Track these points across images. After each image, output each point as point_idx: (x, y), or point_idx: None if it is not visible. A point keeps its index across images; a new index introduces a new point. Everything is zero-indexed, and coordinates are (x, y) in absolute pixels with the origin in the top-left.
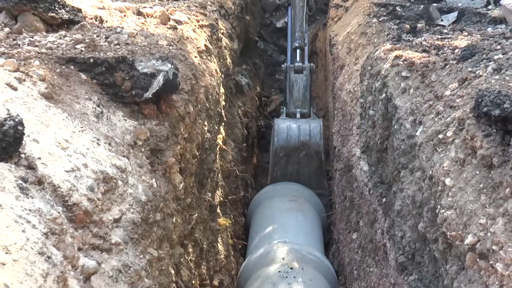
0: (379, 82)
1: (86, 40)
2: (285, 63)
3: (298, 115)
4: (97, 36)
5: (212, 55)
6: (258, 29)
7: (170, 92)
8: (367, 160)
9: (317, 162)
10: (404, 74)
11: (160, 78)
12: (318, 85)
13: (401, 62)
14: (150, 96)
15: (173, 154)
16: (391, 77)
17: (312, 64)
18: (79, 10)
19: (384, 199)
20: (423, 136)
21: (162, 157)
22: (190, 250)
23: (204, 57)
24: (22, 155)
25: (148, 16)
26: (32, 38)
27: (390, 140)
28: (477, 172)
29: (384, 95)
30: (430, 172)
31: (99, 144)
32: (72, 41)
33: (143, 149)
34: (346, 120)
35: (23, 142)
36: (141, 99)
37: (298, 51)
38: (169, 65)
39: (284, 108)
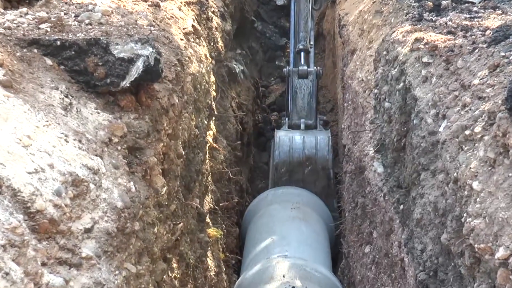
0: (396, 69)
1: (52, 19)
2: (287, 67)
3: (302, 126)
4: (65, 14)
5: (201, 38)
6: (255, 7)
7: (151, 81)
8: (382, 161)
9: (324, 180)
10: (425, 60)
11: (139, 64)
12: (325, 73)
13: (422, 46)
14: (128, 85)
15: (154, 153)
16: (411, 64)
17: (318, 68)
18: None
19: (401, 206)
20: (447, 132)
21: (142, 156)
22: (175, 265)
23: (192, 39)
24: None
25: None
26: None
27: (409, 137)
28: (510, 175)
29: (402, 84)
30: (455, 174)
31: (67, 141)
32: (35, 20)
33: (119, 147)
34: (357, 114)
35: None
36: (117, 89)
37: (302, 53)
38: (150, 49)
39: (286, 118)
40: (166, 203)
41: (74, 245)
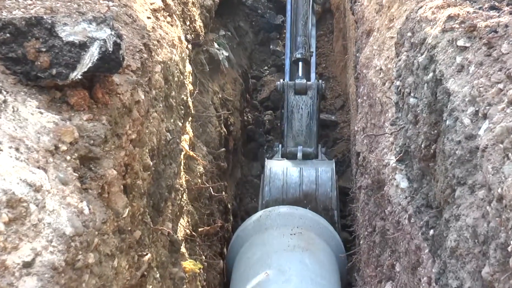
0: (424, 56)
1: None
2: (281, 80)
3: (299, 155)
4: None
5: (174, 15)
6: None
7: (110, 71)
8: (406, 173)
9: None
10: (461, 43)
11: (94, 50)
12: (333, 60)
13: (457, 26)
14: (80, 77)
15: (114, 165)
16: (442, 48)
17: (320, 81)
18: None
19: (431, 231)
20: (488, 136)
21: (98, 168)
22: None
23: (162, 18)
24: None
25: None
26: None
27: (440, 142)
28: None
29: (431, 74)
30: (500, 190)
31: (1, 150)
32: None
33: (68, 157)
34: (374, 112)
35: None
36: (66, 82)
37: (300, 63)
38: (108, 31)
39: (280, 145)
40: (129, 228)
41: (9, 283)
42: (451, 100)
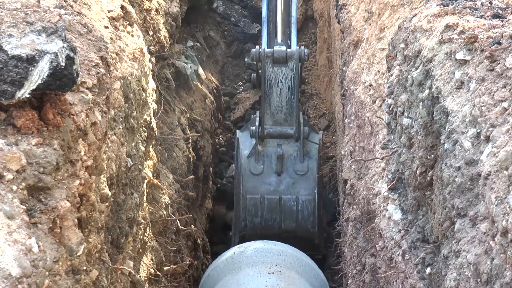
0: (419, 70)
1: None
2: (256, 47)
3: (278, 151)
4: None
5: (135, 25)
6: None
7: (62, 89)
8: (400, 203)
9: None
10: (460, 56)
11: (44, 65)
12: (317, 74)
13: (456, 36)
14: (27, 95)
15: (67, 195)
16: (439, 62)
17: (303, 47)
18: None
19: (428, 270)
20: (491, 161)
21: (49, 200)
22: None
23: (121, 27)
24: None
25: None
26: None
27: (438, 168)
28: None
29: (427, 92)
30: (504, 223)
31: None
32: None
33: (15, 187)
34: (364, 134)
35: None
36: (12, 101)
37: (279, 23)
38: (60, 43)
39: (256, 124)
40: (85, 268)
41: None
42: (450, 121)
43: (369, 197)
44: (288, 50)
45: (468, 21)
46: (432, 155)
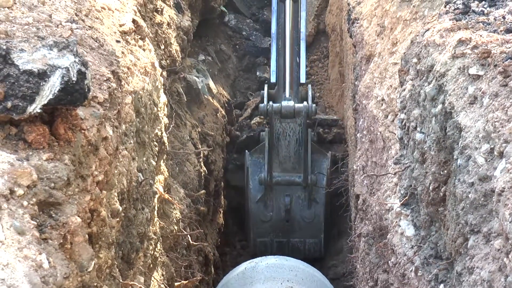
0: (431, 85)
1: None
2: (264, 102)
3: (285, 199)
4: None
5: (146, 39)
6: None
7: (73, 104)
8: (413, 219)
9: None
10: (473, 71)
11: (55, 80)
12: (329, 88)
13: (469, 51)
14: (39, 110)
15: (78, 211)
16: (452, 77)
17: (312, 104)
18: None
19: (441, 286)
20: (505, 177)
21: (60, 215)
22: None
23: (133, 41)
24: None
25: None
26: None
27: (451, 184)
28: None
29: (440, 107)
30: None
31: None
32: None
33: (25, 203)
34: (376, 149)
35: None
36: (23, 116)
37: (287, 78)
38: (72, 58)
39: (263, 173)
40: (95, 284)
41: None
42: (463, 136)
43: (381, 213)
44: (296, 105)
45: (481, 36)
46: (445, 171)
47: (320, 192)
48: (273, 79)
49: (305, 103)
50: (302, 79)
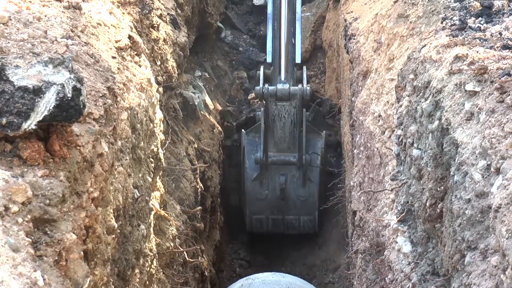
0: (428, 101)
1: None
2: (260, 85)
3: (280, 178)
4: None
5: (142, 54)
6: (222, 8)
7: (69, 120)
8: (409, 235)
9: None
10: (470, 87)
11: (50, 97)
12: None
13: (466, 67)
14: (34, 127)
15: (73, 227)
16: (449, 93)
17: (307, 86)
18: None
19: None
20: (502, 194)
21: (55, 232)
22: None
23: (129, 57)
24: None
25: None
26: None
27: (448, 200)
28: None
29: (436, 123)
30: None
31: None
32: None
33: (20, 219)
34: (373, 165)
35: None
36: (18, 132)
37: (283, 60)
38: (67, 74)
39: (258, 152)
40: None
41: None
42: (460, 153)
43: (378, 229)
44: (291, 88)
45: (477, 52)
46: (442, 187)
47: (315, 171)
48: (269, 59)
49: (300, 85)
50: (298, 59)
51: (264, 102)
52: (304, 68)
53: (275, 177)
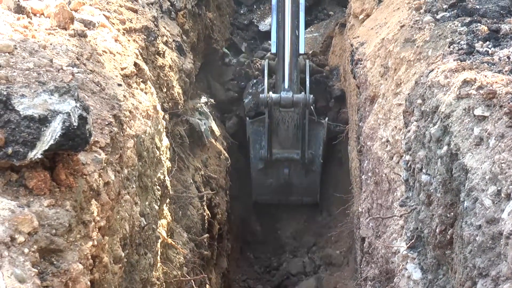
0: (436, 126)
1: None
2: (264, 93)
3: (284, 170)
4: None
5: (148, 82)
6: (228, 34)
7: (75, 149)
8: (419, 262)
9: None
10: (479, 112)
11: (56, 126)
12: None
13: (475, 92)
14: (40, 156)
15: (79, 257)
16: (458, 118)
17: (309, 95)
18: None
19: None
20: None
21: (61, 262)
22: None
23: (134, 85)
24: None
25: (35, 15)
26: None
27: (458, 226)
28: None
29: (445, 148)
30: None
31: None
32: None
33: (26, 250)
34: (381, 191)
35: None
36: (24, 162)
37: (286, 69)
38: (73, 103)
39: (263, 149)
40: None
41: None
42: (469, 178)
43: (387, 256)
44: (295, 96)
45: (486, 76)
46: (452, 213)
47: (317, 162)
48: (273, 50)
49: (303, 93)
50: (301, 50)
51: (268, 109)
52: (307, 62)
53: (280, 169)
